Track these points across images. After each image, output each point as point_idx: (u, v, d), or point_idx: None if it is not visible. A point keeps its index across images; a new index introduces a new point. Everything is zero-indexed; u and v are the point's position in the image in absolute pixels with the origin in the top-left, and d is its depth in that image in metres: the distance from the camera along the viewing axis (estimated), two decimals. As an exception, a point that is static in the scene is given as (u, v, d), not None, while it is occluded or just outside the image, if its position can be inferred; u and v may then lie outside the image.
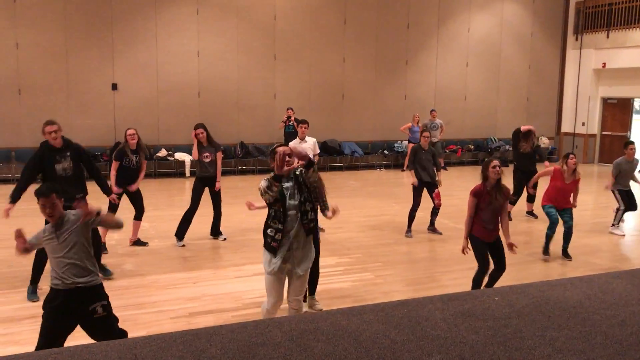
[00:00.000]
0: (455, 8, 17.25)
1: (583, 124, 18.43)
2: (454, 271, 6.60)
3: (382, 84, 16.69)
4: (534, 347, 2.64)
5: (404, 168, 15.65)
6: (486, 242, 5.56)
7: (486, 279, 5.68)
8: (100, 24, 13.55)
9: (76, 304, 3.83)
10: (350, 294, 5.84)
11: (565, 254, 7.51)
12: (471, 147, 17.87)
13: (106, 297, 4.04)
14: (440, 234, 8.59)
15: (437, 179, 8.56)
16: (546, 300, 3.23)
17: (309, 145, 8.16)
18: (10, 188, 12.20)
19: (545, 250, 7.51)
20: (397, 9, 16.52)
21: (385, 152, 16.73)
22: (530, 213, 10.09)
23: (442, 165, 16.46)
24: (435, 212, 8.74)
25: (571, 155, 7.38)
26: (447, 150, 17.38)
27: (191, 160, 14.20)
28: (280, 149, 4.42)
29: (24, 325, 4.98)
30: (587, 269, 6.84)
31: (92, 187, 6.26)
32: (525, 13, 18.21)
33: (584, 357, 2.54)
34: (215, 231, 8.16)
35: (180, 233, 7.87)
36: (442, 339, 2.73)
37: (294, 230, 4.37)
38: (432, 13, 16.98)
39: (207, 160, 7.94)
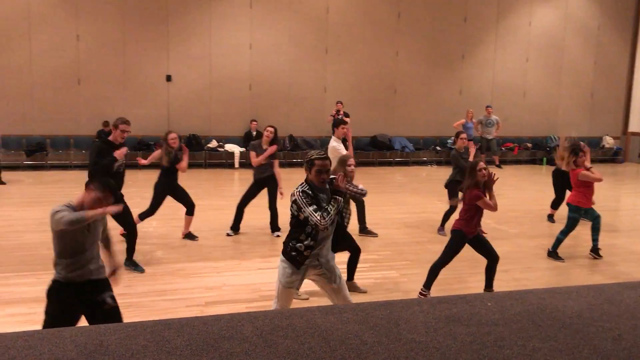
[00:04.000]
0: (516, 0, 16.64)
1: (653, 123, 17.42)
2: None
3: (437, 79, 16.34)
4: (510, 357, 2.49)
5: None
6: (468, 238, 5.62)
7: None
8: (156, 17, 13.92)
9: (86, 296, 3.81)
10: (368, 291, 5.73)
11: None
12: (529, 145, 17.24)
13: (111, 288, 3.99)
14: (485, 233, 8.29)
15: None
16: (543, 308, 3.05)
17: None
18: (69, 174, 12.86)
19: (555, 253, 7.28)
20: (454, 1, 16.11)
21: (438, 148, 16.39)
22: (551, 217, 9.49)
23: (497, 163, 15.99)
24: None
25: (581, 154, 6.91)
26: (502, 148, 16.83)
27: (240, 152, 14.40)
28: (320, 163, 4.04)
29: (48, 306, 5.16)
30: (629, 278, 6.45)
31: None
32: (592, 5, 17.35)
33: (561, 372, 2.38)
34: (273, 228, 7.96)
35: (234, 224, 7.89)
36: (414, 343, 2.62)
37: (324, 247, 4.12)
38: (491, 6, 16.45)
39: (264, 162, 7.73)
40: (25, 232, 7.78)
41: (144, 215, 7.30)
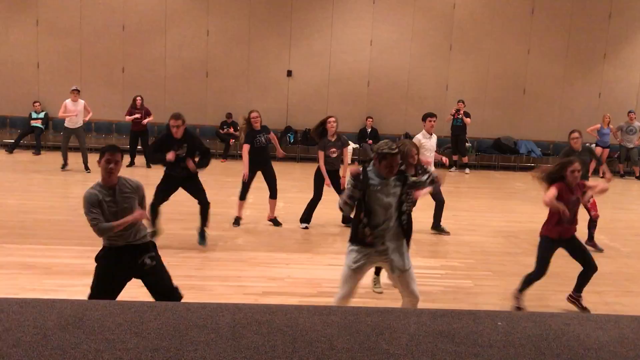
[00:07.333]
0: (673, -6, 14.85)
1: None
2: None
3: (573, 80, 15.09)
4: (483, 385, 2.22)
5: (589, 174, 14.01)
6: (562, 239, 5.15)
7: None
8: (280, 13, 14.33)
9: (128, 259, 4.09)
10: (430, 299, 5.39)
11: None
12: (679, 157, 15.29)
13: (154, 251, 4.22)
14: (601, 250, 7.43)
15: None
16: (560, 335, 2.67)
17: (433, 143, 7.82)
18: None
19: None
20: (597, -4, 14.76)
21: (569, 154, 15.12)
22: None
23: (638, 175, 14.42)
24: (592, 224, 7.62)
25: None
26: (646, 158, 15.11)
27: (353, 149, 14.38)
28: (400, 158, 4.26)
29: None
30: None
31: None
32: None
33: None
34: (346, 219, 7.93)
35: (305, 217, 7.96)
36: (385, 355, 2.41)
37: (384, 228, 4.14)
38: (642, 0, 14.83)
39: (334, 155, 7.81)
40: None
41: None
